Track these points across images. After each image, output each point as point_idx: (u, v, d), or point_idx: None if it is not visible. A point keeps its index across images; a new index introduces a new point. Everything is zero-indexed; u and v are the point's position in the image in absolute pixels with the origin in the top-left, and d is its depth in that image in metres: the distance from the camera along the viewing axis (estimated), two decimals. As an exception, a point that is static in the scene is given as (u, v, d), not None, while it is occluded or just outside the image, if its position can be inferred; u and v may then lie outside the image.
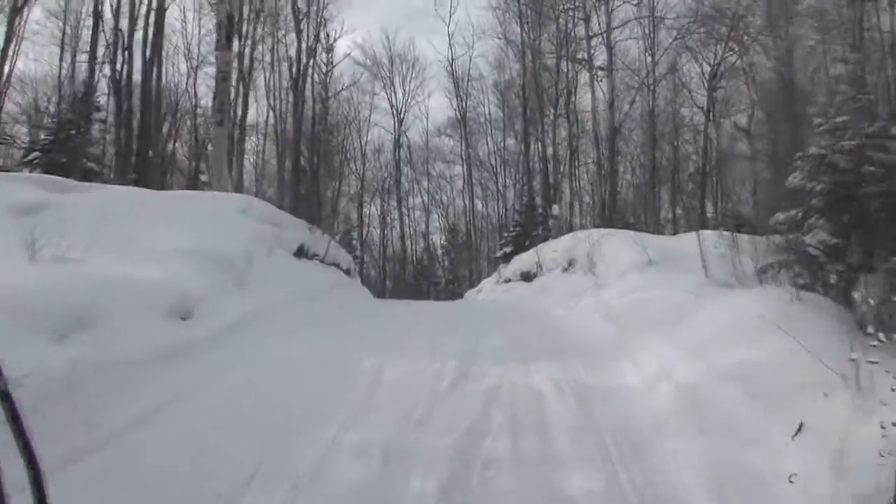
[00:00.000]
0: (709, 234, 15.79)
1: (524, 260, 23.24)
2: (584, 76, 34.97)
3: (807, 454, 4.59)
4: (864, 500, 3.89)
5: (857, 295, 6.99)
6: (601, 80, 30.12)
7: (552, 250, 20.43)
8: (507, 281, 24.88)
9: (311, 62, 32.79)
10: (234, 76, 29.09)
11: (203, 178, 28.63)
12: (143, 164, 19.26)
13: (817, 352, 5.40)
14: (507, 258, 28.91)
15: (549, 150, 35.73)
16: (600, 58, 31.06)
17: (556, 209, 27.08)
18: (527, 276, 22.10)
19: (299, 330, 10.47)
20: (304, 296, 13.89)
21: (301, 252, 18.77)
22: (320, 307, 13.62)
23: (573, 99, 35.29)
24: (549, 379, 7.87)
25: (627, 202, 35.48)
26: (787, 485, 4.37)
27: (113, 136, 23.89)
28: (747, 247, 13.04)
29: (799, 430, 4.85)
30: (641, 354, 8.62)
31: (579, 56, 32.79)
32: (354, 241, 55.93)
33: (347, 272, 24.00)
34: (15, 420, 1.26)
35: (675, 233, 26.14)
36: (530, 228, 29.39)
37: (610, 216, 25.90)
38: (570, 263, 18.37)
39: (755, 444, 5.10)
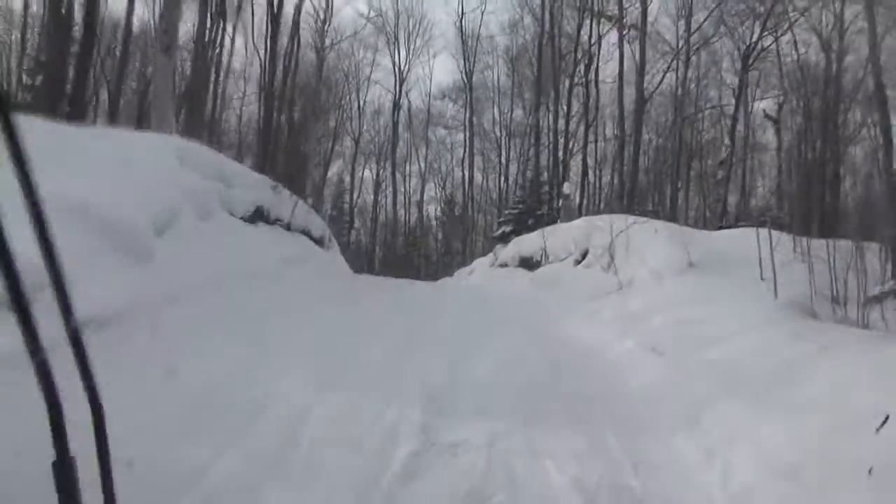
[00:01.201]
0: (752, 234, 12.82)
1: (527, 243, 19.92)
2: (608, 42, 31.48)
3: None
4: None
5: None
6: (633, 41, 26.43)
7: (562, 236, 17.11)
8: (504, 265, 21.58)
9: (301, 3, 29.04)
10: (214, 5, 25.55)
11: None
12: (79, 97, 15.97)
13: None
14: (505, 238, 25.58)
15: (561, 123, 32.20)
16: (631, 17, 27.37)
17: (567, 187, 23.49)
18: (528, 263, 18.81)
19: (198, 332, 7.08)
20: (243, 274, 10.51)
21: (258, 216, 15.44)
22: (261, 291, 10.24)
23: (594, 66, 31.64)
24: (575, 478, 4.58)
25: (642, 189, 32.11)
26: None
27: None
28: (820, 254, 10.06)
29: None
30: (735, 455, 5.05)
31: (608, 13, 29.04)
32: (345, 205, 52.73)
33: (320, 241, 20.66)
34: (83, 363, 1.21)
35: (699, 226, 22.89)
36: (535, 207, 25.96)
37: (629, 201, 22.54)
38: (584, 255, 15.09)
39: None
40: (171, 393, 5.17)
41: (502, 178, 47.98)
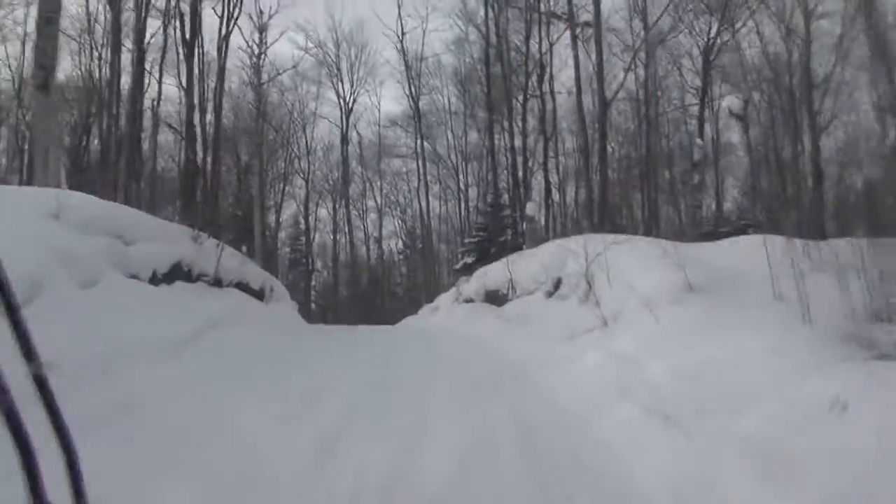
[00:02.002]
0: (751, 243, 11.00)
1: (491, 275, 17.79)
2: (560, 49, 29.61)
3: None
4: None
5: None
6: (587, 41, 24.49)
7: (529, 264, 15.00)
8: (469, 301, 19.43)
9: (225, 36, 26.80)
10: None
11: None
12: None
13: None
14: (468, 270, 23.43)
15: (518, 141, 30.19)
16: (582, 16, 25.40)
17: (530, 208, 21.28)
18: (495, 298, 16.69)
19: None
20: (139, 350, 8.21)
21: (177, 274, 13.21)
22: (157, 374, 7.96)
23: (547, 76, 29.71)
24: None
25: (611, 202, 30.16)
26: None
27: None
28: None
29: None
30: None
31: (558, 12, 27.06)
32: (302, 248, 50.48)
33: (259, 294, 18.40)
34: (50, 405, 1.19)
35: (676, 238, 20.94)
36: (497, 233, 23.83)
37: (600, 217, 20.50)
38: (557, 285, 13.00)
39: None
40: None
41: (462, 205, 45.97)
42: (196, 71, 24.56)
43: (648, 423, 6.08)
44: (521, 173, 28.14)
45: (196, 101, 25.64)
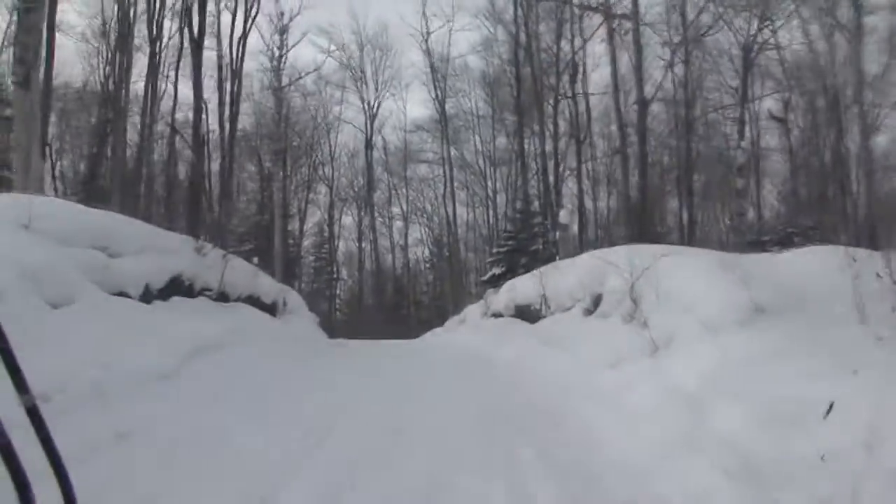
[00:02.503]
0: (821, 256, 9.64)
1: (521, 288, 16.39)
2: (593, 47, 28.10)
3: None
4: None
5: None
6: (624, 34, 22.91)
7: (564, 278, 13.58)
8: (497, 315, 18.03)
9: (242, 36, 25.63)
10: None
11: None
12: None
13: None
14: (496, 281, 22.05)
15: (549, 146, 28.74)
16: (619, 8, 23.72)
17: (563, 215, 19.68)
18: (526, 313, 15.30)
19: None
20: (106, 384, 6.86)
21: (174, 289, 12.01)
22: (123, 416, 6.65)
23: (580, 74, 28.24)
24: None
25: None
26: None
27: None
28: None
29: None
30: None
31: (593, 4, 25.42)
32: (325, 256, 49.31)
33: (271, 309, 17.15)
34: (43, 435, 1.22)
35: (719, 247, 19.47)
36: (527, 242, 22.40)
37: (639, 225, 19.00)
38: (597, 302, 11.58)
39: None
40: None
41: (490, 213, 44.58)
42: (205, 70, 23.40)
43: (731, 493, 4.70)
44: (552, 179, 26.68)
45: (210, 103, 24.63)
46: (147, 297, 10.75)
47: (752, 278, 8.26)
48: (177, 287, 12.11)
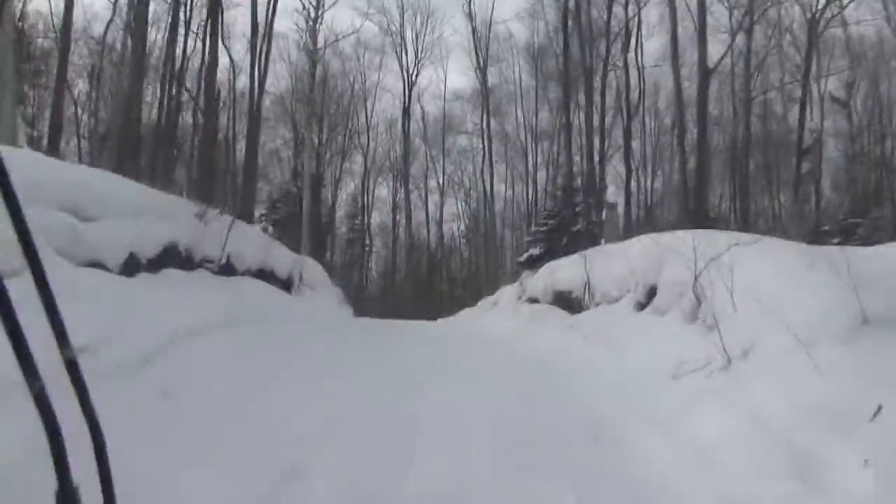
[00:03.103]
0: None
1: (562, 273, 14.71)
2: (649, 9, 26.05)
3: None
4: None
5: None
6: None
7: (611, 264, 11.89)
8: (534, 301, 16.41)
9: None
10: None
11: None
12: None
13: None
14: (534, 263, 20.36)
15: (596, 120, 26.79)
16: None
17: (611, 194, 17.76)
18: (566, 302, 13.66)
19: None
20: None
21: (168, 259, 10.57)
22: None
23: (634, 44, 26.20)
24: None
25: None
26: None
27: None
28: None
29: None
30: None
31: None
32: (357, 227, 47.90)
33: (286, 284, 15.70)
34: (81, 389, 1.17)
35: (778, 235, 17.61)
36: (569, 222, 20.58)
37: (696, 208, 17.16)
38: (651, 294, 9.90)
39: None
40: None
41: (530, 189, 42.79)
42: (239, 29, 21.83)
43: None
44: (596, 155, 24.73)
45: (243, 64, 23.12)
46: (130, 269, 9.29)
47: (858, 278, 6.55)
48: (171, 258, 10.65)
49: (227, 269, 12.51)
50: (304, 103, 34.39)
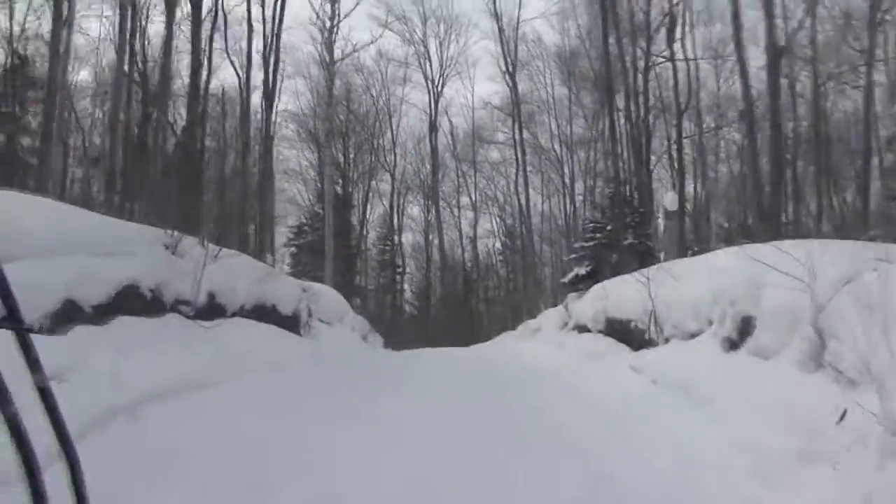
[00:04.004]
0: None
1: (617, 296, 12.28)
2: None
3: None
4: None
5: None
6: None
7: (683, 286, 9.44)
8: (583, 329, 14.06)
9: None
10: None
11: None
12: None
13: None
14: (578, 284, 17.95)
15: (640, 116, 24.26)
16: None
17: (669, 200, 14.92)
18: (623, 333, 11.28)
19: None
20: None
21: (125, 303, 8.42)
22: None
23: (680, 28, 23.56)
24: None
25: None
26: None
27: None
28: None
29: None
30: None
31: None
32: (388, 249, 45.72)
33: (292, 322, 13.49)
34: (53, 414, 1.20)
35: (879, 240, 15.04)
36: (618, 235, 18.01)
37: (774, 212, 14.61)
38: (747, 328, 7.41)
39: None
40: None
41: (567, 201, 40.26)
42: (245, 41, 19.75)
43: None
44: (644, 155, 22.10)
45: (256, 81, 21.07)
46: (61, 321, 7.13)
47: None
48: (129, 302, 8.48)
49: (211, 311, 10.31)
50: (324, 119, 32.41)
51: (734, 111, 33.48)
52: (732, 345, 7.55)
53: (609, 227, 18.26)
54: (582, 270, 17.96)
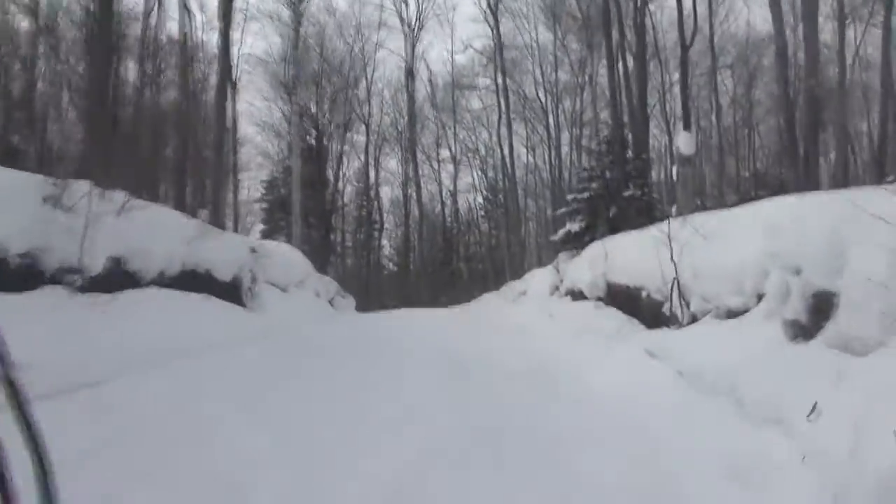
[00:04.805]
0: None
1: (624, 259, 10.13)
2: None
3: None
4: None
5: None
6: None
7: (718, 247, 7.26)
8: (578, 296, 11.99)
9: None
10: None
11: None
12: None
13: None
14: (571, 242, 15.85)
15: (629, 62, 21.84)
16: None
17: (684, 142, 12.42)
18: (632, 304, 9.17)
19: None
20: None
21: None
22: None
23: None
24: None
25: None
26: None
27: None
28: None
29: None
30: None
31: None
32: (365, 205, 43.45)
33: (231, 289, 11.32)
34: (21, 408, 1.14)
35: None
36: (617, 186, 15.67)
37: (807, 155, 12.38)
38: (823, 307, 5.26)
39: None
40: None
41: (553, 154, 38.00)
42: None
43: None
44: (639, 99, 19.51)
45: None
46: None
47: None
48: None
49: (114, 281, 8.14)
50: (291, 63, 29.95)
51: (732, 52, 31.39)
52: (802, 331, 5.40)
53: (608, 175, 16.01)
54: (575, 226, 15.80)
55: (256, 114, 39.36)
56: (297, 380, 6.99)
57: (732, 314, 6.50)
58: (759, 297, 6.20)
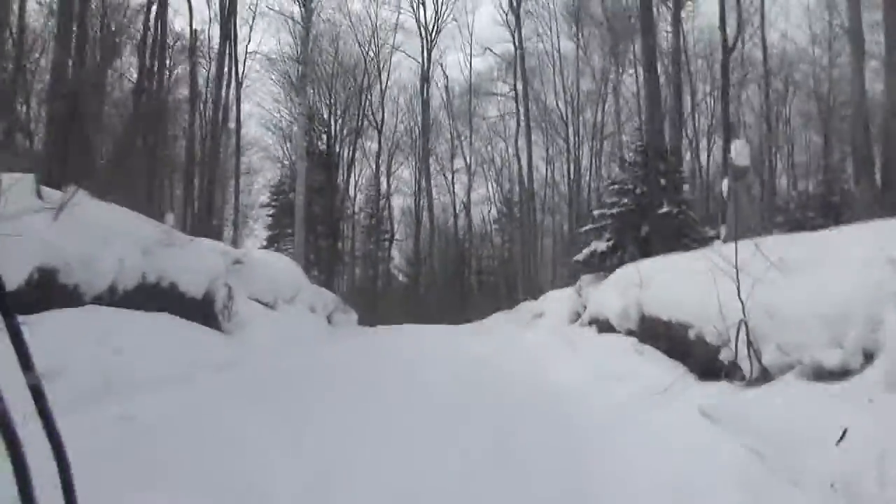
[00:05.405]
0: None
1: (662, 289, 8.52)
2: None
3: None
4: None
5: None
6: None
7: (800, 281, 5.66)
8: (604, 326, 10.40)
9: None
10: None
11: None
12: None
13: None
14: (594, 263, 14.26)
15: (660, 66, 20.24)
16: None
17: (739, 151, 10.82)
18: (674, 344, 7.50)
19: None
20: None
21: None
22: None
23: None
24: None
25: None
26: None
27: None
28: None
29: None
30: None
31: None
32: (376, 214, 41.97)
33: (205, 308, 9.77)
34: (45, 416, 1.14)
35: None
36: (654, 201, 13.78)
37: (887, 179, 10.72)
38: None
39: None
40: None
41: (572, 167, 36.50)
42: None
43: None
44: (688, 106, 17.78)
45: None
46: None
47: None
48: None
49: (41, 298, 6.59)
50: (299, 61, 28.56)
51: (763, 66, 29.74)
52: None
53: (639, 191, 14.26)
54: (602, 245, 14.11)
55: (266, 116, 38.26)
56: (230, 447, 5.24)
57: (825, 374, 4.84)
58: (868, 355, 4.58)
